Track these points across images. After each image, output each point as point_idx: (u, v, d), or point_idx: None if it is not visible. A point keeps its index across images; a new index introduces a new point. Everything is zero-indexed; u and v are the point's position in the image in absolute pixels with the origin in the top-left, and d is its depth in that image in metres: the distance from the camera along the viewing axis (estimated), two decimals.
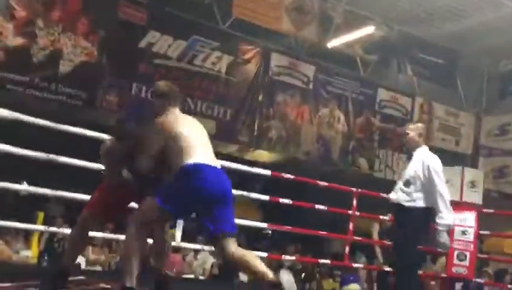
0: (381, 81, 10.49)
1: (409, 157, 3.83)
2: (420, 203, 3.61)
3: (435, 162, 3.68)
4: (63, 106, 7.46)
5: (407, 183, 3.70)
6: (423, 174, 3.62)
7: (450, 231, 6.29)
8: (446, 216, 3.49)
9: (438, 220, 3.47)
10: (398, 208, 3.73)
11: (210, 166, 2.92)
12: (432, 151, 4.03)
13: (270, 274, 2.86)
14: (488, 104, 11.30)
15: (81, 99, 7.54)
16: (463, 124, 11.23)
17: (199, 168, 2.87)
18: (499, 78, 11.25)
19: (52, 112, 7.34)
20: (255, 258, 2.94)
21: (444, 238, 3.48)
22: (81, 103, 7.54)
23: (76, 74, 7.48)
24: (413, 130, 3.87)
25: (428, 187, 3.58)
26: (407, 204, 3.66)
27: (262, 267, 2.88)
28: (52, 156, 4.03)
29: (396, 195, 3.76)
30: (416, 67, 10.80)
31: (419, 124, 4.08)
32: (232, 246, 2.93)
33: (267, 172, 5.28)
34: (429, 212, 3.55)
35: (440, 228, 3.47)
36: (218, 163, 3.02)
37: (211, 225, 2.89)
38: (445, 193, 3.54)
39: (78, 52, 7.54)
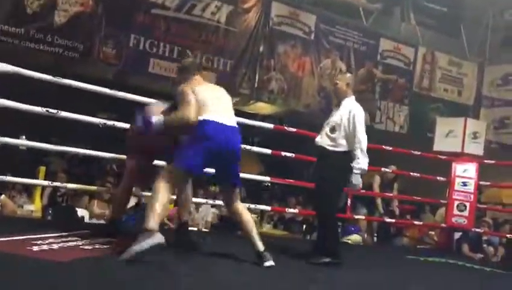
0: (384, 31, 10.27)
1: (337, 105, 4.00)
2: (342, 148, 3.83)
3: (359, 112, 3.86)
4: (59, 58, 7.32)
5: (332, 130, 3.89)
6: (348, 122, 3.82)
7: (451, 183, 6.38)
8: (361, 161, 3.75)
9: (353, 164, 3.75)
10: (321, 152, 3.93)
11: (219, 123, 3.24)
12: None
13: (261, 247, 3.34)
14: (492, 54, 11.13)
15: (78, 51, 7.38)
16: (466, 74, 11.10)
17: (208, 123, 3.21)
18: (503, 28, 11.03)
19: (48, 65, 7.24)
20: (253, 226, 3.40)
21: (356, 180, 3.75)
22: (78, 55, 7.39)
23: (71, 24, 7.28)
24: (342, 80, 4.03)
25: (350, 134, 3.81)
26: (330, 148, 3.87)
27: (256, 236, 3.35)
28: (51, 111, 3.97)
29: (321, 139, 3.95)
30: (420, 16, 10.55)
31: (348, 75, 4.27)
32: (238, 201, 3.41)
33: (270, 125, 5.25)
34: (349, 157, 3.80)
35: (355, 171, 3.74)
36: (232, 122, 3.34)
37: (228, 178, 3.38)
38: (363, 140, 3.78)
39: (72, 1, 7.32)
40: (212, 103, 3.30)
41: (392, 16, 10.45)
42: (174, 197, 3.77)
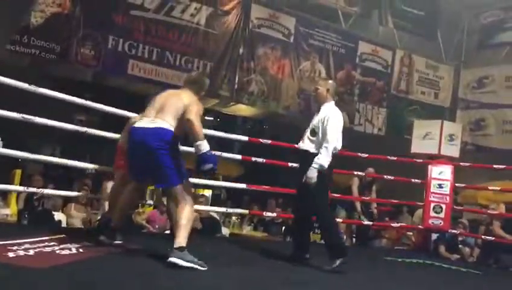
0: (363, 34, 10.37)
1: (318, 110, 4.12)
2: (318, 149, 3.92)
3: (334, 115, 3.98)
4: (36, 60, 7.19)
5: (312, 133, 4.01)
6: (322, 124, 3.95)
7: (427, 185, 6.48)
8: (322, 158, 3.83)
9: (315, 159, 3.84)
10: (304, 155, 4.03)
11: (135, 128, 3.43)
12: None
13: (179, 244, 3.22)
14: (467, 57, 11.34)
15: (55, 53, 7.26)
16: (442, 77, 11.29)
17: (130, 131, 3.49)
18: (478, 31, 11.24)
19: (24, 66, 7.12)
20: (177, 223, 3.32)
21: (312, 173, 3.81)
22: (55, 56, 7.27)
23: (48, 26, 7.17)
24: (322, 85, 4.14)
25: (324, 135, 3.92)
26: (312, 151, 3.96)
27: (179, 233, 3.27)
28: (27, 117, 3.90)
29: (303, 143, 4.07)
30: (398, 19, 10.69)
31: (330, 81, 4.34)
32: (173, 201, 3.40)
33: (245, 138, 5.35)
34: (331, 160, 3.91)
35: (313, 165, 3.82)
36: (153, 123, 3.39)
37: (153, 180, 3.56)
38: (332, 141, 3.87)
39: (49, 2, 7.20)
40: (147, 109, 3.50)
41: (370, 19, 10.56)
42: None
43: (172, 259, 3.13)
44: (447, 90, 11.33)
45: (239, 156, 5.35)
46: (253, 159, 5.30)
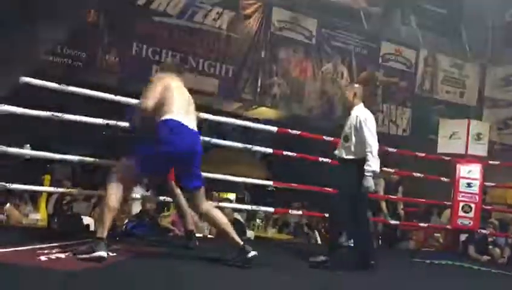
0: (385, 34, 10.28)
1: (348, 115, 4.16)
2: (356, 155, 3.98)
3: (366, 116, 4.00)
4: (63, 68, 7.35)
5: (345, 139, 4.07)
6: (355, 128, 3.98)
7: (455, 184, 6.37)
8: (372, 164, 3.85)
9: (365, 167, 3.85)
10: (341, 162, 4.10)
11: (182, 124, 3.27)
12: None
13: (240, 241, 3.34)
14: (493, 55, 11.12)
15: (81, 60, 7.42)
16: (468, 75, 11.10)
17: (171, 124, 3.24)
18: (504, 28, 11.02)
19: (50, 74, 7.27)
20: (227, 224, 3.39)
21: (368, 182, 3.83)
22: (81, 64, 7.43)
23: (75, 34, 7.33)
24: (349, 90, 4.22)
25: (359, 139, 3.95)
26: (347, 157, 4.02)
27: (233, 233, 3.35)
28: (58, 115, 4.00)
29: (339, 151, 4.13)
30: (420, 18, 10.57)
31: (356, 85, 4.38)
32: (203, 201, 3.40)
33: (273, 128, 5.28)
34: (363, 163, 3.93)
35: (366, 174, 3.83)
36: (192, 122, 3.38)
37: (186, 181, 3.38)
38: (373, 144, 3.89)
39: None
40: (178, 103, 3.33)
41: (392, 19, 10.46)
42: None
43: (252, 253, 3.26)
44: (473, 89, 11.12)
45: (270, 150, 5.29)
46: (285, 153, 5.26)
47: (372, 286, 3.53)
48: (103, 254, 3.00)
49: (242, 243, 3.36)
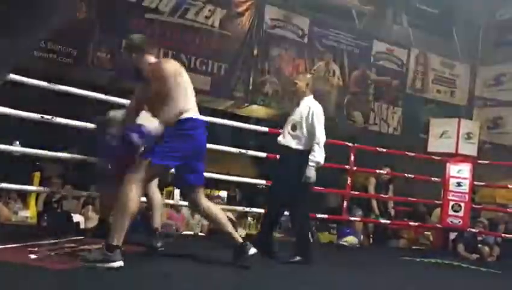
0: (377, 33, 10.31)
1: (297, 104, 4.10)
2: (304, 146, 3.95)
3: (318, 110, 4.00)
4: (53, 64, 7.29)
5: (293, 128, 4.01)
6: (307, 120, 3.94)
7: (445, 183, 6.42)
8: (317, 154, 3.84)
9: (310, 157, 3.83)
10: (285, 150, 4.03)
11: (201, 120, 3.22)
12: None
13: (239, 239, 3.31)
14: (484, 55, 11.20)
15: (72, 57, 7.36)
16: (458, 75, 11.17)
17: (196, 123, 3.14)
18: (494, 28, 11.11)
19: (41, 71, 7.21)
20: (227, 221, 3.33)
21: (310, 172, 3.81)
22: (72, 60, 7.37)
23: (65, 30, 7.26)
24: (302, 80, 4.17)
25: (310, 131, 3.92)
26: (293, 146, 3.97)
27: (232, 230, 3.33)
28: (46, 117, 3.96)
29: (284, 139, 4.05)
30: (412, 18, 10.62)
31: (308, 75, 4.43)
32: (204, 199, 3.32)
33: (265, 129, 5.27)
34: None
35: (310, 164, 3.81)
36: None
37: (191, 177, 3.24)
38: (321, 136, 3.90)
39: None
40: (189, 93, 3.16)
41: (384, 18, 10.50)
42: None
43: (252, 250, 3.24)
44: (464, 89, 11.20)
45: (263, 154, 5.27)
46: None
47: (362, 283, 3.55)
48: (120, 264, 2.80)
49: (241, 240, 3.34)
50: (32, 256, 2.87)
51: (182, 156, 3.09)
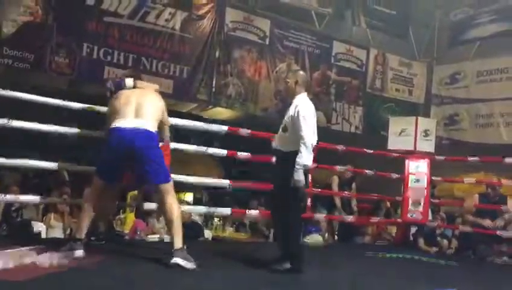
0: (336, 34, 10.51)
1: (290, 105, 3.85)
2: (293, 147, 3.69)
3: (304, 107, 3.72)
4: (9, 70, 7.11)
5: (284, 129, 3.80)
6: (292, 119, 3.71)
7: (405, 180, 6.60)
8: (304, 156, 3.59)
9: (296, 159, 3.59)
10: (277, 154, 3.86)
11: (119, 128, 3.51)
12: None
13: (177, 245, 3.43)
14: (439, 54, 11.59)
15: (29, 62, 7.19)
16: (415, 74, 11.51)
17: (111, 131, 3.54)
18: (449, 28, 11.50)
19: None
20: (173, 224, 3.49)
21: (297, 176, 3.57)
22: (29, 65, 7.20)
23: (21, 35, 7.09)
24: (291, 78, 3.92)
25: (297, 131, 3.67)
26: (283, 149, 3.78)
27: (175, 234, 3.47)
28: (2, 121, 3.87)
29: (276, 142, 3.88)
30: (370, 19, 10.88)
31: (299, 73, 4.11)
32: (166, 198, 3.52)
33: (224, 128, 5.29)
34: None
35: (297, 166, 3.57)
36: (135, 124, 3.53)
37: (145, 178, 3.63)
38: (307, 136, 3.63)
39: (21, 11, 7.13)
40: (120, 108, 3.60)
41: (343, 20, 10.71)
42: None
43: (176, 260, 3.31)
44: (421, 87, 11.55)
45: (224, 151, 5.25)
46: (239, 153, 5.23)
47: (327, 280, 3.62)
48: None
49: (178, 247, 3.39)
50: None
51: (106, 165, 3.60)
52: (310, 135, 3.65)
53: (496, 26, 10.58)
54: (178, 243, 3.40)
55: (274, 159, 4.12)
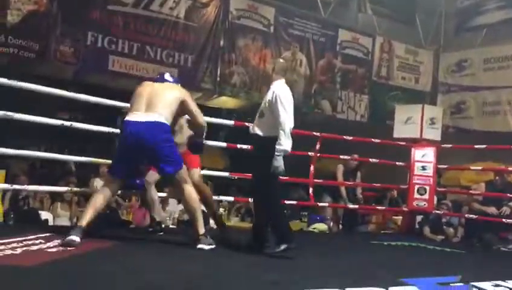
0: (342, 22, 10.43)
1: (267, 91, 3.88)
2: (270, 132, 3.70)
3: (282, 93, 3.71)
4: (14, 59, 7.11)
5: (260, 114, 3.81)
6: (270, 104, 3.72)
7: (411, 168, 6.58)
8: (283, 142, 3.59)
9: (276, 146, 3.59)
10: (255, 139, 3.84)
11: (130, 122, 3.54)
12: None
13: (200, 231, 3.60)
14: (446, 41, 11.48)
15: (34, 51, 7.19)
16: (422, 61, 11.42)
17: (123, 126, 3.59)
18: (456, 15, 11.39)
19: (2, 66, 7.03)
20: (195, 212, 3.63)
21: (278, 162, 3.58)
22: (34, 55, 7.20)
23: (26, 24, 7.09)
24: (271, 64, 4.05)
25: (275, 117, 3.67)
26: (261, 134, 3.78)
27: (197, 222, 3.61)
28: (8, 114, 3.88)
29: (253, 128, 3.85)
30: (376, 6, 10.78)
31: (277, 60, 4.17)
32: (184, 187, 3.63)
33: (230, 122, 5.31)
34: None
35: (276, 153, 3.58)
36: (146, 117, 3.55)
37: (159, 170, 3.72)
38: (286, 121, 3.62)
39: (26, 0, 7.11)
40: (135, 101, 3.64)
41: (349, 7, 10.62)
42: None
43: (203, 246, 3.51)
44: (427, 75, 11.47)
45: (224, 144, 5.32)
46: (239, 146, 5.27)
47: (332, 268, 3.63)
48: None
49: (201, 233, 3.56)
50: None
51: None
52: (288, 120, 3.65)
53: (503, 13, 10.46)
54: (201, 229, 3.58)
55: (251, 145, 4.13)
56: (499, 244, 5.83)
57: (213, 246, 3.57)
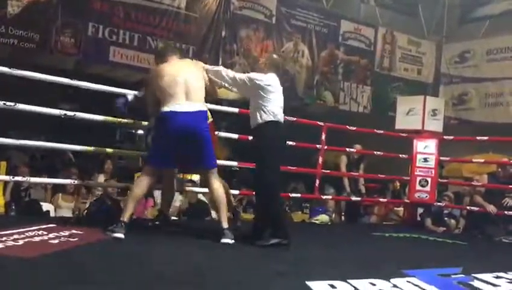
0: (344, 12, 10.37)
1: None
2: (255, 121, 3.77)
3: (258, 76, 3.82)
4: (15, 50, 7.08)
5: (250, 108, 3.90)
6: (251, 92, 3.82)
7: (413, 159, 6.55)
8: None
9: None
10: (250, 132, 3.91)
11: (175, 112, 3.47)
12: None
13: (224, 225, 3.63)
14: (448, 32, 11.41)
15: (34, 42, 7.16)
16: (424, 53, 11.36)
17: (166, 116, 3.50)
18: (458, 6, 11.31)
19: (3, 56, 7.00)
20: (221, 204, 3.66)
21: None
22: (34, 45, 7.16)
23: (26, 14, 7.04)
24: (264, 58, 4.23)
25: (256, 104, 3.76)
26: (251, 126, 3.84)
27: (222, 214, 3.65)
28: (9, 104, 3.85)
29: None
30: None
31: (270, 55, 4.35)
32: (213, 181, 3.66)
33: (235, 110, 5.26)
34: (271, 126, 3.73)
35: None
36: (191, 107, 3.52)
37: (198, 162, 3.66)
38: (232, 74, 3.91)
39: None
40: (169, 90, 3.52)
41: None
42: None
43: (227, 240, 3.53)
44: (430, 66, 11.41)
45: (235, 135, 5.28)
46: (250, 137, 5.20)
47: (333, 258, 3.63)
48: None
49: (226, 227, 3.60)
50: (0, 245, 2.82)
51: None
52: (237, 75, 3.89)
53: (506, 4, 10.39)
54: (225, 223, 3.63)
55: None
56: (500, 235, 5.82)
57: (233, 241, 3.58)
